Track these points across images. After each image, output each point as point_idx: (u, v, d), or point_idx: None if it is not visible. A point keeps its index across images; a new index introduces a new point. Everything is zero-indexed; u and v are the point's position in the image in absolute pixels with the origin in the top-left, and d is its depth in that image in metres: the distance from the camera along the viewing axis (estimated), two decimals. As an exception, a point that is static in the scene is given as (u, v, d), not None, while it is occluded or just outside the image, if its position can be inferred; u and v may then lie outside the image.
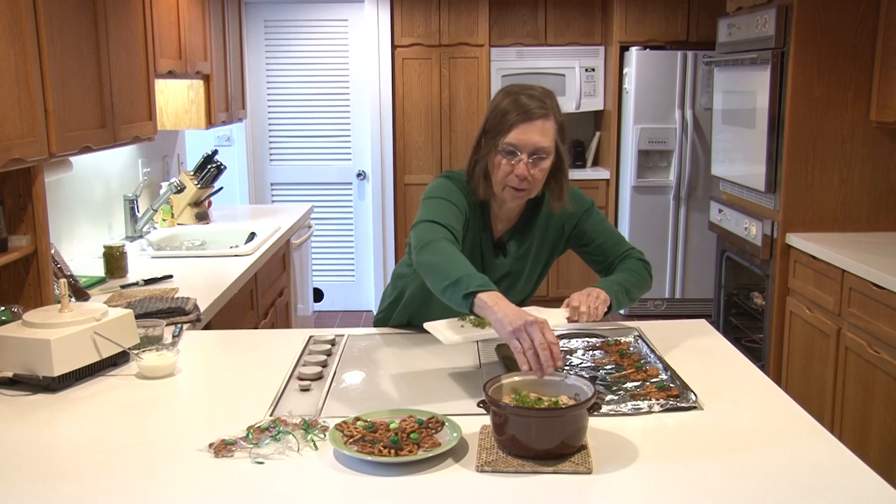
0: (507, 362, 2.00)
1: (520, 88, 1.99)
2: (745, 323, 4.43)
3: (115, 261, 3.03)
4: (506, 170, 1.96)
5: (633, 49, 5.60)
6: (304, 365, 2.01)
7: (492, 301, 1.70)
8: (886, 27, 3.53)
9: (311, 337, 2.25)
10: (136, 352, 2.01)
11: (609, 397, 1.77)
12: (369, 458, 1.47)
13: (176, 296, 2.69)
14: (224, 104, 4.33)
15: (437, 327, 1.92)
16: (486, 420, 1.58)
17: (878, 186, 3.75)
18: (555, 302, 2.24)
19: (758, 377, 1.95)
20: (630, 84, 5.63)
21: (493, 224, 2.13)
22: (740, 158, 4.19)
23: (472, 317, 1.84)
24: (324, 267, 6.13)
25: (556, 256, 2.25)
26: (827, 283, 3.41)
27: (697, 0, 5.66)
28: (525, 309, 1.85)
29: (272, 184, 6.08)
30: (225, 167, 4.24)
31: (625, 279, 2.09)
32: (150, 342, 2.12)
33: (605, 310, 1.98)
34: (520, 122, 1.93)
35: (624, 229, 5.82)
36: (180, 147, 4.73)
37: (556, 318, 1.93)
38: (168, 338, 2.23)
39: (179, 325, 2.33)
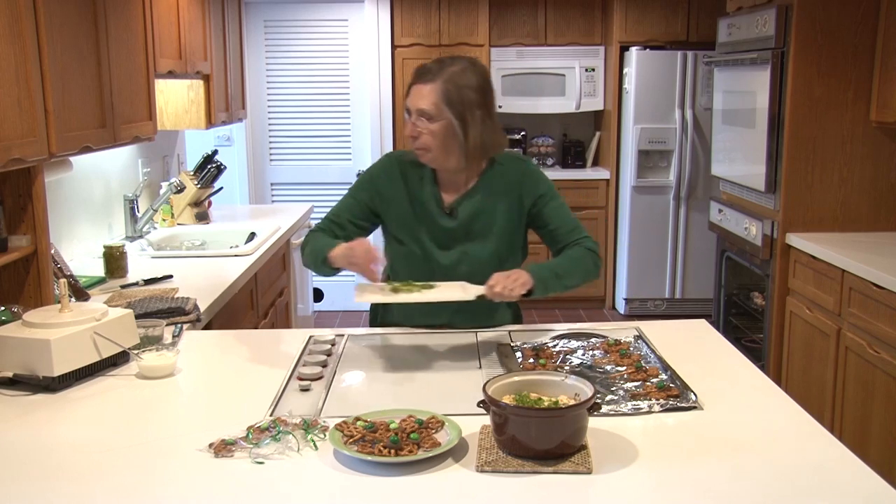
0: (507, 362, 2.01)
1: (436, 59, 2.19)
2: (745, 323, 4.43)
3: (115, 261, 3.03)
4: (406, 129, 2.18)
5: (633, 49, 5.60)
6: (304, 365, 2.02)
7: (336, 251, 2.08)
8: (886, 27, 3.53)
9: (311, 337, 2.25)
10: (136, 352, 2.01)
11: (609, 397, 1.77)
12: (369, 458, 1.47)
13: (176, 296, 2.69)
14: (224, 104, 4.33)
15: (362, 289, 2.11)
16: (486, 420, 1.58)
17: (878, 186, 3.75)
18: (554, 301, 2.25)
19: (758, 377, 1.95)
20: (630, 84, 5.63)
21: (443, 191, 2.24)
22: (740, 158, 4.19)
23: (398, 284, 2.11)
24: (324, 267, 6.12)
25: (524, 227, 2.30)
26: (827, 283, 3.41)
27: (697, 0, 5.66)
28: (452, 284, 2.11)
29: (272, 184, 6.09)
30: (225, 167, 4.24)
31: (559, 265, 2.17)
32: (150, 342, 2.12)
33: (524, 292, 2.02)
34: (411, 86, 2.15)
35: (624, 229, 5.82)
36: (180, 147, 4.73)
37: (469, 294, 2.04)
38: (168, 338, 2.23)
39: (179, 325, 2.33)
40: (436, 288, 2.10)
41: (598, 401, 1.55)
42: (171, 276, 2.98)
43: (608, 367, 1.96)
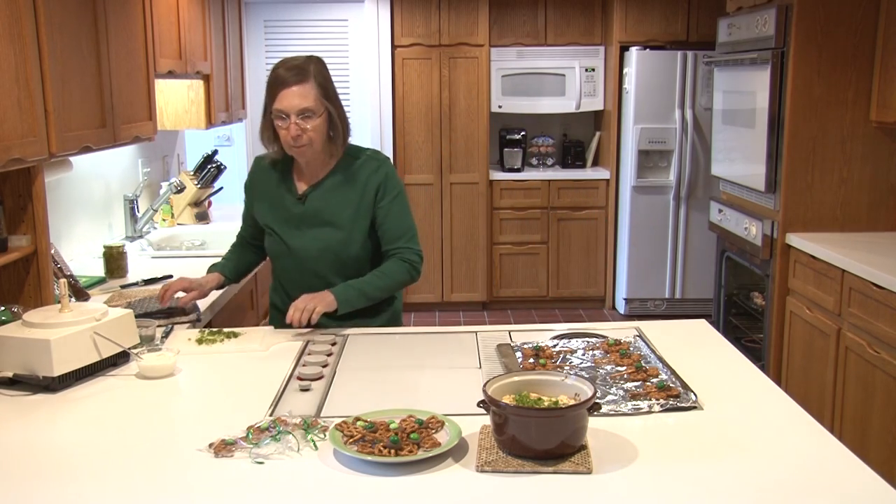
0: (507, 362, 2.01)
1: (283, 62, 2.30)
2: (745, 323, 4.43)
3: (114, 261, 3.03)
4: (284, 133, 2.28)
5: (633, 49, 5.60)
6: (304, 365, 2.02)
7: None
8: (886, 27, 3.53)
9: (311, 337, 2.25)
10: (136, 352, 2.01)
11: (609, 397, 1.77)
12: (369, 458, 1.48)
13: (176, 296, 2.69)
14: (224, 104, 4.33)
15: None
16: (486, 420, 1.58)
17: (878, 186, 3.75)
18: (554, 301, 2.22)
19: (758, 377, 1.95)
20: (630, 84, 5.63)
21: (297, 181, 2.42)
22: (740, 158, 4.19)
23: (207, 332, 2.30)
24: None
25: (371, 220, 2.40)
26: (827, 283, 3.41)
27: (697, 0, 5.66)
28: (257, 332, 2.32)
29: (272, 184, 6.07)
30: (225, 167, 4.24)
31: (368, 283, 2.35)
32: (141, 342, 2.12)
33: (329, 310, 2.26)
34: (279, 90, 2.25)
35: (624, 229, 5.82)
36: (180, 147, 4.73)
37: (265, 345, 2.21)
38: (158, 338, 2.23)
39: (170, 326, 2.34)
40: (239, 336, 2.28)
41: (598, 401, 1.55)
42: (171, 276, 2.98)
43: (608, 367, 1.96)
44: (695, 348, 2.16)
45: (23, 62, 2.17)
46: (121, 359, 2.04)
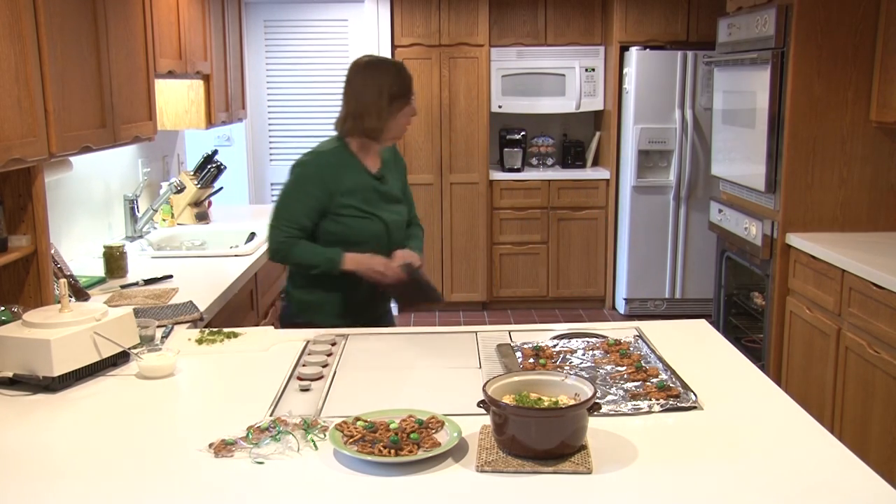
0: (507, 362, 2.01)
1: (382, 58, 2.68)
2: (745, 323, 4.43)
3: (114, 261, 3.03)
4: (405, 120, 2.59)
5: (633, 49, 5.60)
6: (304, 365, 2.02)
7: (350, 260, 2.46)
8: (886, 27, 3.53)
9: (311, 337, 2.25)
10: (136, 352, 2.01)
11: (609, 397, 1.77)
12: (369, 458, 1.48)
13: (171, 301, 2.69)
14: (224, 104, 4.33)
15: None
16: (486, 420, 1.58)
17: (878, 186, 3.75)
18: (554, 301, 2.21)
19: (758, 377, 1.95)
20: (630, 84, 5.63)
21: (368, 167, 2.59)
22: (740, 158, 4.19)
23: (208, 332, 2.30)
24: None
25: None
26: (827, 283, 3.41)
27: (697, 0, 5.66)
28: (258, 331, 2.33)
29: (272, 184, 6.08)
30: (225, 167, 4.24)
31: (417, 247, 2.68)
32: (142, 342, 2.12)
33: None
34: (411, 82, 2.59)
35: (624, 229, 5.82)
36: (180, 147, 4.73)
37: (267, 344, 2.22)
38: (158, 338, 2.23)
39: (170, 327, 2.34)
40: (239, 336, 2.28)
41: (598, 401, 1.55)
42: (171, 276, 2.98)
43: (608, 367, 1.96)
44: (695, 348, 2.16)
45: (23, 62, 2.17)
46: (121, 359, 2.04)
